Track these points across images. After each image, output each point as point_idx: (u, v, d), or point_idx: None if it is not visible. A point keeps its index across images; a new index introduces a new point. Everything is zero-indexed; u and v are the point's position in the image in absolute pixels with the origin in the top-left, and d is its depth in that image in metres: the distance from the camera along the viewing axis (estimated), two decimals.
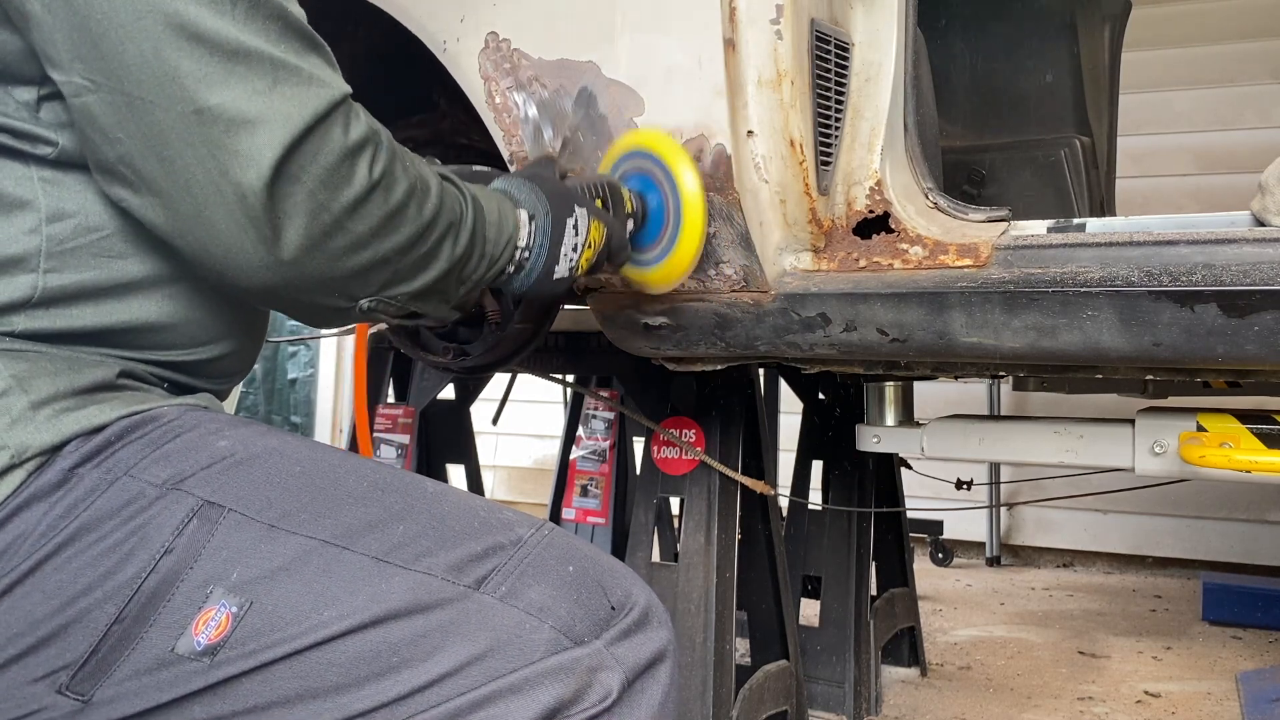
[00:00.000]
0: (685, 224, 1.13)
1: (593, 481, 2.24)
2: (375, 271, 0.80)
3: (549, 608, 0.70)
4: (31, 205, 0.74)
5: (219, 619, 0.67)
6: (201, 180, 0.71)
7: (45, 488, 0.70)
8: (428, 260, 0.85)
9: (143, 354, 0.80)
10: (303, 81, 0.72)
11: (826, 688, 2.20)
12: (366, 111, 0.79)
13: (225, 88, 0.69)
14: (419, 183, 0.83)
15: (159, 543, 0.69)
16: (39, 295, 0.74)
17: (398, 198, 0.79)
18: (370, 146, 0.77)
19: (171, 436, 0.75)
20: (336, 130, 0.74)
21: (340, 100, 0.75)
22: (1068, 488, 2.59)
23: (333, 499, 0.73)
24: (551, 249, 1.01)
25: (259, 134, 0.70)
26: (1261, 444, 1.37)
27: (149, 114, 0.69)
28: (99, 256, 0.76)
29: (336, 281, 0.79)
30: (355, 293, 0.81)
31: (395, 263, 0.82)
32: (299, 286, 0.77)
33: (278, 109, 0.71)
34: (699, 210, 1.12)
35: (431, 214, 0.84)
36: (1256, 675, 2.47)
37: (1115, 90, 2.48)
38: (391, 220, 0.79)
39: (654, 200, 1.14)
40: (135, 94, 0.69)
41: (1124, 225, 1.23)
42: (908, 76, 1.36)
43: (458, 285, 0.93)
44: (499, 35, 1.30)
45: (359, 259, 0.78)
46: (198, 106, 0.69)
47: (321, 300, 0.80)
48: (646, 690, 0.72)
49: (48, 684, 0.68)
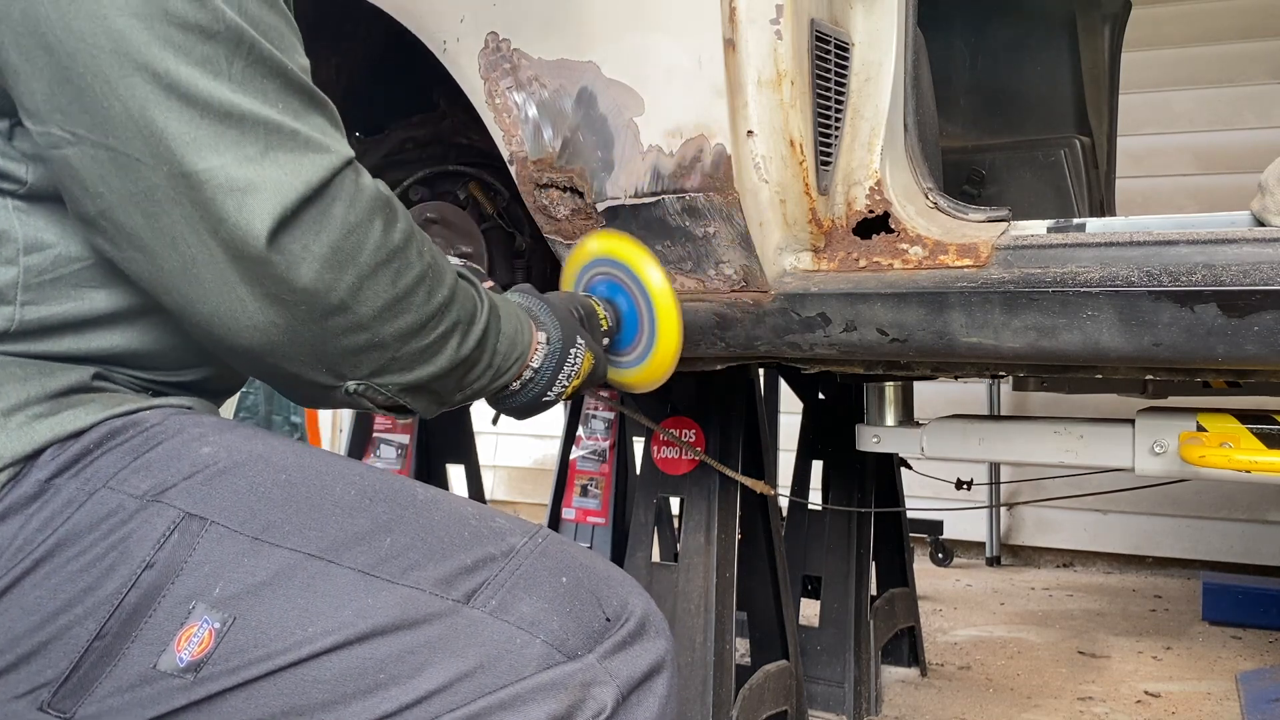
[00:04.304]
0: (661, 323, 1.11)
1: (593, 481, 2.24)
2: (369, 354, 0.76)
3: (541, 621, 0.69)
4: (8, 236, 0.71)
5: (202, 635, 0.66)
6: (189, 239, 0.67)
7: (21, 500, 0.68)
8: (429, 354, 0.80)
9: (126, 371, 0.78)
10: (299, 147, 0.69)
11: (826, 688, 2.20)
12: (383, 184, 0.76)
13: (215, 153, 0.66)
14: (432, 270, 0.78)
15: (140, 557, 0.67)
16: (15, 327, 0.71)
17: (407, 281, 0.75)
18: (379, 220, 0.73)
19: (153, 444, 0.72)
20: (339, 204, 0.70)
21: (340, 167, 0.71)
22: (1068, 488, 2.59)
23: (319, 509, 0.71)
24: (553, 374, 0.99)
25: (250, 201, 0.66)
26: (1261, 444, 1.36)
27: (135, 171, 0.66)
28: (79, 287, 0.73)
29: (326, 358, 0.74)
30: (344, 372, 0.76)
31: (393, 349, 0.77)
32: (285, 355, 0.73)
33: (269, 176, 0.67)
34: (671, 307, 1.11)
35: (440, 305, 0.79)
36: (1256, 675, 2.47)
37: (1115, 90, 2.48)
38: (397, 304, 0.75)
39: (624, 304, 1.13)
40: (120, 149, 0.65)
41: (1124, 225, 1.23)
42: (908, 76, 1.36)
43: (456, 390, 0.87)
44: (499, 35, 1.30)
45: (354, 340, 0.74)
46: (185, 170, 0.65)
47: (307, 374, 0.75)
48: (642, 703, 0.71)
49: (29, 701, 0.67)
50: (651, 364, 1.14)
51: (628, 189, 1.26)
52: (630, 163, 1.25)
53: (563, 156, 1.30)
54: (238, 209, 0.66)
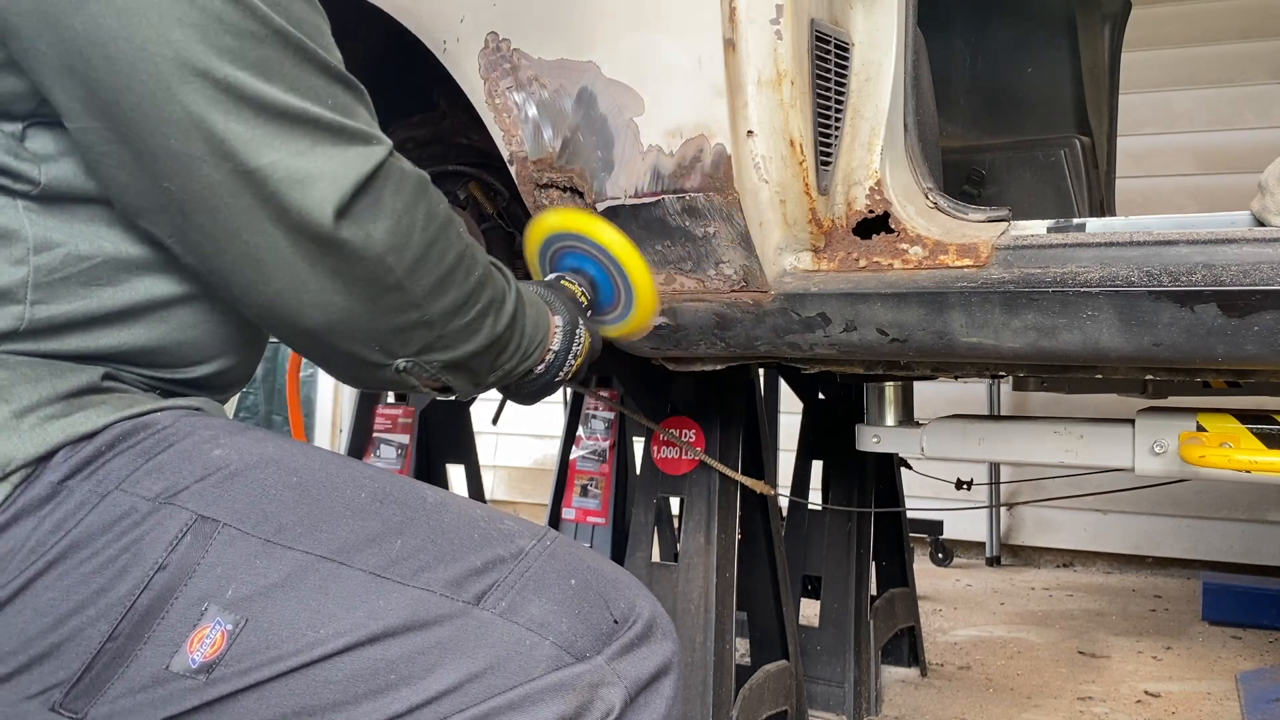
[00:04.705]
0: (631, 274, 1.17)
1: (593, 481, 2.24)
2: (418, 331, 0.81)
3: (550, 623, 0.70)
4: (18, 236, 0.72)
5: (214, 636, 0.67)
6: (253, 228, 0.71)
7: (34, 502, 0.69)
8: (469, 331, 0.86)
9: (134, 370, 0.79)
10: (348, 139, 0.73)
11: (826, 688, 2.20)
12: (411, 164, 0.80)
13: (272, 149, 0.70)
14: (469, 249, 0.85)
15: (152, 559, 0.68)
16: (26, 326, 0.72)
17: (449, 261, 0.81)
18: (423, 203, 0.79)
19: (164, 446, 0.73)
20: (388, 190, 0.75)
21: (386, 156, 0.76)
22: (1068, 488, 2.59)
23: (330, 511, 0.72)
24: (566, 356, 1.05)
25: (312, 191, 0.71)
26: (1261, 444, 1.37)
27: (197, 169, 0.69)
28: (88, 285, 0.74)
29: (380, 335, 0.80)
30: (395, 350, 0.82)
31: (439, 326, 0.83)
32: (343, 334, 0.78)
33: (324, 167, 0.71)
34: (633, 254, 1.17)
35: (477, 283, 0.85)
36: (1256, 675, 2.47)
37: (1115, 90, 2.48)
38: (442, 282, 0.81)
39: (592, 269, 1.19)
40: (182, 150, 0.69)
41: (1124, 225, 1.23)
42: (908, 76, 1.36)
43: (489, 370, 0.94)
44: (499, 35, 1.30)
45: (406, 318, 0.80)
46: (248, 167, 0.69)
47: (361, 352, 0.81)
48: (650, 705, 0.72)
49: (41, 701, 0.67)
50: (637, 312, 1.20)
51: (628, 189, 1.26)
52: (630, 163, 1.25)
53: (563, 156, 1.30)
54: (301, 198, 0.70)
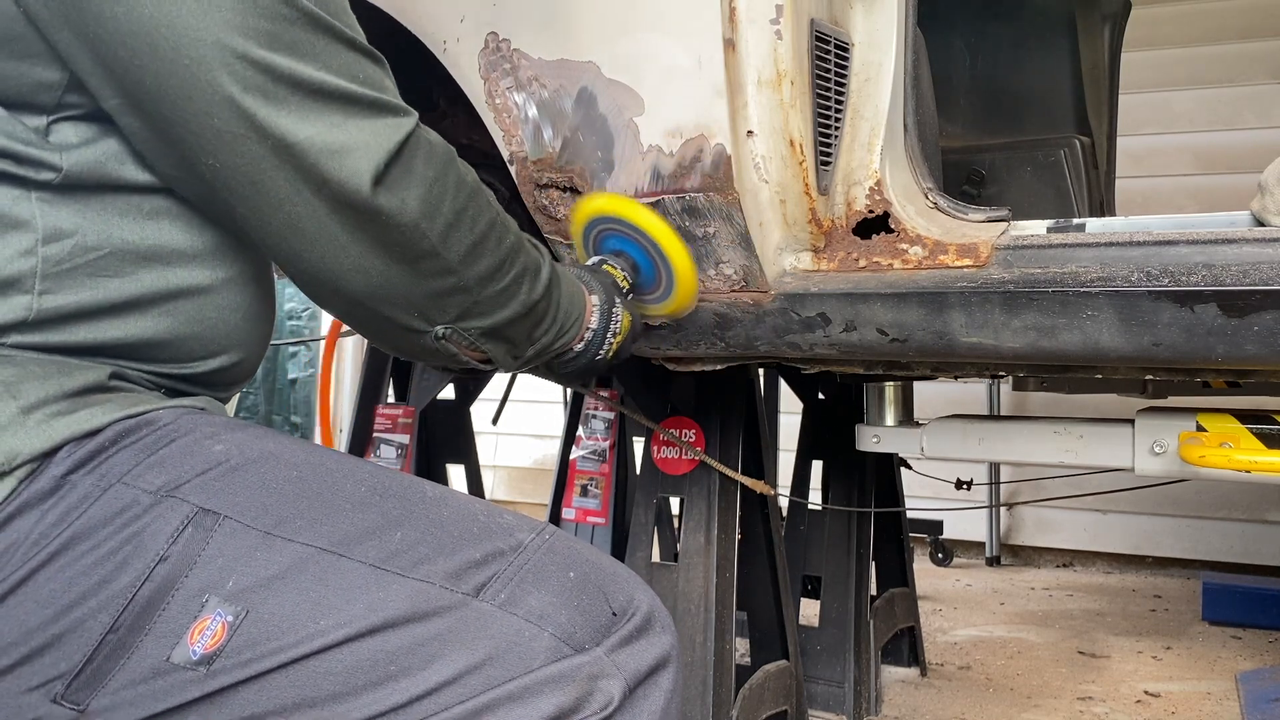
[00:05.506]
0: (672, 257, 1.19)
1: (593, 481, 2.24)
2: (455, 297, 0.84)
3: (549, 615, 0.70)
4: (28, 225, 0.73)
5: (215, 628, 0.67)
6: (294, 198, 0.74)
7: (37, 495, 0.69)
8: (504, 298, 0.89)
9: (139, 365, 0.79)
10: (379, 111, 0.76)
11: (826, 688, 2.20)
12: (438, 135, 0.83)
13: (308, 124, 0.73)
14: (500, 217, 0.87)
15: (154, 551, 0.68)
16: (34, 316, 0.73)
17: (481, 227, 0.84)
18: (453, 172, 0.82)
19: (166, 441, 0.74)
20: (419, 159, 0.78)
21: (415, 126, 0.79)
22: (1068, 488, 2.59)
23: (330, 505, 0.72)
24: (604, 334, 1.07)
25: (348, 161, 0.74)
26: (1261, 444, 1.37)
27: (241, 145, 0.72)
28: (96, 276, 0.75)
29: (418, 301, 0.83)
30: (434, 317, 0.85)
31: (475, 292, 0.85)
32: (383, 299, 0.81)
33: (359, 139, 0.74)
34: (672, 238, 1.19)
35: (509, 250, 0.88)
36: (1256, 675, 2.47)
37: (1115, 90, 2.48)
38: (476, 248, 0.84)
39: (634, 252, 1.21)
40: (225, 129, 0.72)
41: (1124, 225, 1.23)
42: (908, 76, 1.36)
43: (527, 341, 0.96)
44: (499, 35, 1.30)
45: (443, 283, 0.83)
46: (287, 142, 0.72)
47: (401, 318, 0.84)
48: (648, 697, 0.72)
49: (43, 693, 0.68)
50: (678, 292, 1.22)
51: (628, 189, 1.26)
52: (630, 163, 1.25)
53: (563, 156, 1.30)
54: (339, 168, 0.74)
